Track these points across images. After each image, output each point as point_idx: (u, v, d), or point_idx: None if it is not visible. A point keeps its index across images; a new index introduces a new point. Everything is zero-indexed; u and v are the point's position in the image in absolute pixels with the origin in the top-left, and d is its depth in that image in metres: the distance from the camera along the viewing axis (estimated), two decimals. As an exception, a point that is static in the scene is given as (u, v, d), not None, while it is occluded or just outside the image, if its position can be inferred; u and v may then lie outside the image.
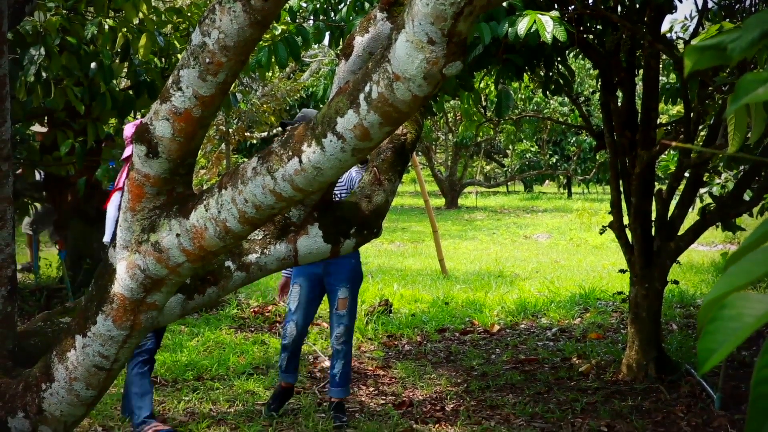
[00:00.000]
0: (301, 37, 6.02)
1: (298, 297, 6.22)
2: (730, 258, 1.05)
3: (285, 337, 6.29)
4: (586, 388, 6.94)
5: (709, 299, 1.00)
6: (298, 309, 6.22)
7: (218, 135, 18.16)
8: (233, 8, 2.60)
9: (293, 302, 6.23)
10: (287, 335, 6.26)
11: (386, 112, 2.48)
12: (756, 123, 2.02)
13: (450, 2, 2.23)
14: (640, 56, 7.30)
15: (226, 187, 2.83)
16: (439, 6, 2.25)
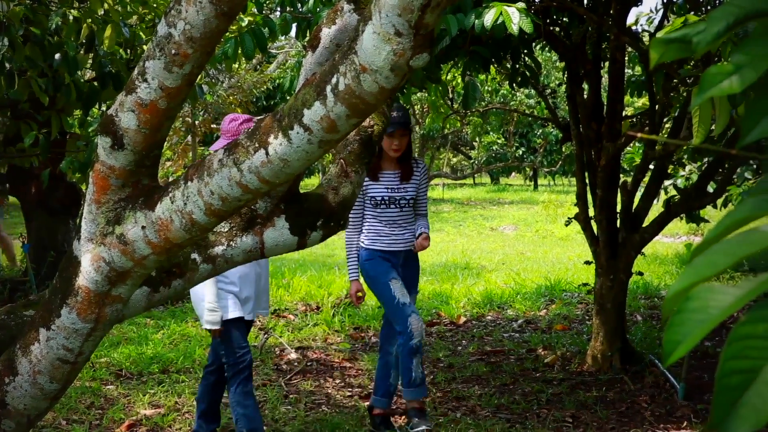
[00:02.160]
0: (267, 29, 6.00)
1: (402, 289, 5.71)
2: (695, 250, 1.06)
3: (413, 335, 5.60)
4: (552, 379, 6.97)
5: (674, 291, 1.00)
6: (411, 302, 5.76)
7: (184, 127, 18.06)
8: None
9: (402, 295, 5.68)
10: (415, 332, 5.62)
11: (353, 103, 2.47)
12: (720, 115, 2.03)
13: (417, -6, 2.23)
14: (606, 49, 7.34)
15: (192, 179, 2.81)
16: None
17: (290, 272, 11.80)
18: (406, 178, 5.84)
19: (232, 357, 5.19)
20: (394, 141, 5.72)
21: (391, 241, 5.83)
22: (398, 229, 5.84)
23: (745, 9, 1.11)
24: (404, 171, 5.85)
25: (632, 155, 10.02)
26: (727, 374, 0.90)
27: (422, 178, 5.95)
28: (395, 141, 5.72)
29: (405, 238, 5.86)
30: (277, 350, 7.97)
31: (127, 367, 7.29)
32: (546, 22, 6.60)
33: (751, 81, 1.06)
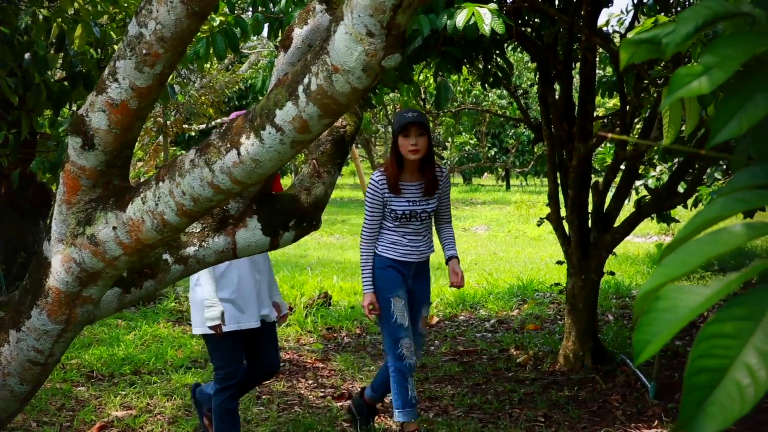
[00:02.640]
0: (239, 29, 5.98)
1: (404, 310, 5.52)
2: (665, 249, 1.07)
3: (403, 360, 5.46)
4: (524, 379, 7.00)
5: (644, 291, 1.01)
6: (410, 327, 5.54)
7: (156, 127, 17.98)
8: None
9: (401, 317, 5.50)
10: (406, 356, 5.46)
11: (325, 104, 2.47)
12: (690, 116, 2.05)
13: (389, -5, 2.23)
14: (578, 49, 7.37)
15: (163, 180, 2.80)
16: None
17: (263, 273, 11.76)
18: (430, 191, 5.54)
19: (222, 370, 5.05)
20: (410, 140, 5.34)
21: (406, 252, 5.59)
22: (416, 242, 5.59)
23: (714, 10, 1.12)
24: (428, 183, 5.51)
25: (603, 156, 10.07)
26: (695, 373, 0.91)
27: (445, 186, 5.65)
28: (411, 140, 5.34)
29: (420, 250, 5.64)
30: (249, 351, 7.95)
31: (98, 368, 7.25)
32: (518, 22, 6.62)
33: (720, 82, 1.07)
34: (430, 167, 5.50)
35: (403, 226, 5.54)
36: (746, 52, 1.08)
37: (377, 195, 5.49)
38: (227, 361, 5.04)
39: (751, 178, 1.10)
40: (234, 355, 5.08)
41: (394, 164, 5.44)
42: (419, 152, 5.37)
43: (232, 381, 5.04)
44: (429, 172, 5.50)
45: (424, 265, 5.72)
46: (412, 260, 5.61)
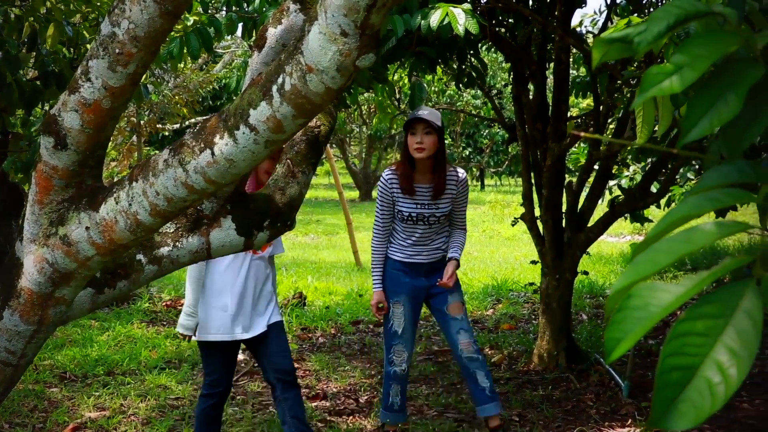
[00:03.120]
0: (213, 28, 5.97)
1: (402, 317, 5.41)
2: (636, 248, 1.07)
3: (394, 362, 5.44)
4: (499, 379, 7.01)
5: (616, 289, 1.02)
6: (405, 331, 5.43)
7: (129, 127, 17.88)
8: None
9: (397, 324, 5.42)
10: (395, 363, 5.42)
11: (299, 104, 2.47)
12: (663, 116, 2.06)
13: (363, -6, 2.23)
14: (551, 50, 7.40)
15: (137, 180, 2.79)
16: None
17: (237, 273, 11.73)
18: (438, 194, 5.34)
19: (209, 377, 5.02)
20: (415, 138, 5.20)
21: (414, 253, 5.44)
22: (425, 244, 5.43)
23: (685, 10, 1.12)
24: (436, 186, 5.31)
25: (577, 156, 10.11)
26: (667, 371, 0.91)
27: (460, 190, 5.41)
28: (417, 138, 5.19)
29: (430, 252, 5.46)
30: (223, 351, 7.93)
31: (71, 369, 7.21)
32: (491, 23, 6.64)
33: (692, 81, 1.08)
34: (440, 169, 5.31)
35: (410, 228, 5.39)
36: (717, 52, 1.09)
37: (386, 193, 5.38)
38: (214, 369, 4.99)
39: (722, 177, 1.11)
40: (222, 364, 5.01)
41: (406, 163, 5.31)
42: (424, 151, 5.20)
43: (218, 389, 4.99)
44: (438, 174, 5.32)
45: (438, 263, 5.49)
46: (422, 261, 5.45)
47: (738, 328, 0.92)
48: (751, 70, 1.10)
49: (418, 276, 5.45)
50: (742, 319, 0.92)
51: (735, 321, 0.93)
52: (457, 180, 5.39)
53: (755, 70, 1.10)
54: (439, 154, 5.27)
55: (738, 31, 1.13)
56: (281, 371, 4.99)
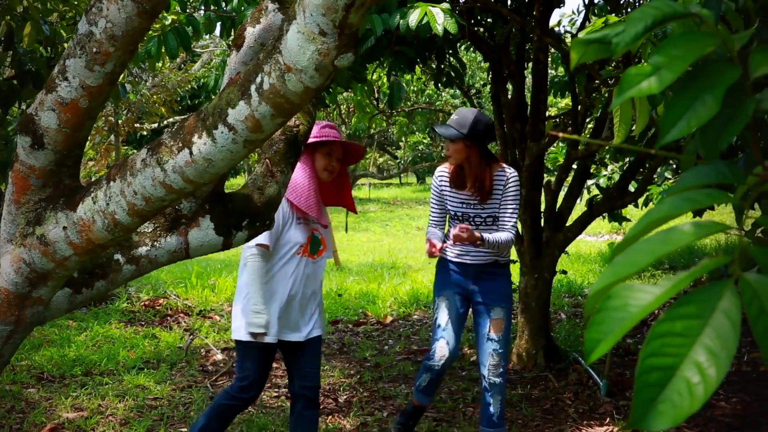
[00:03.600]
0: (191, 28, 5.95)
1: (447, 311, 5.30)
2: (615, 248, 1.08)
3: (432, 358, 5.27)
4: (478, 377, 7.02)
5: (595, 290, 1.02)
6: (448, 325, 5.27)
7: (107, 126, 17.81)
8: (121, -3, 2.55)
9: (441, 317, 5.30)
10: (436, 356, 5.24)
11: (278, 103, 2.46)
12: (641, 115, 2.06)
13: (342, -6, 2.23)
14: (530, 49, 7.42)
15: (114, 179, 2.78)
16: (330, -3, 2.24)
17: (215, 273, 11.72)
18: (483, 197, 5.16)
19: (245, 380, 4.75)
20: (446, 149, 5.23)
21: (461, 253, 5.27)
22: (470, 246, 5.19)
23: (662, 11, 1.13)
24: (478, 191, 5.17)
25: (556, 155, 10.15)
26: (646, 371, 0.91)
27: (507, 190, 5.14)
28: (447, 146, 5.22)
29: (477, 250, 5.23)
30: (202, 351, 7.91)
31: (48, 369, 7.17)
32: (470, 22, 6.65)
33: (669, 82, 1.08)
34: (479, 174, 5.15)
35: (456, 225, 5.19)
36: (694, 53, 1.09)
37: (435, 187, 5.36)
38: (249, 372, 4.75)
39: (699, 178, 1.11)
40: (258, 366, 4.77)
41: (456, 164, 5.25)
42: (450, 158, 5.18)
43: (249, 393, 4.77)
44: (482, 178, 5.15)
45: (488, 267, 5.27)
46: (468, 262, 5.27)
47: (716, 328, 0.92)
48: (729, 70, 1.11)
49: (466, 277, 5.29)
50: (721, 320, 0.93)
51: (713, 321, 0.93)
52: (504, 179, 5.16)
53: (732, 71, 1.11)
54: (472, 160, 5.14)
55: (715, 32, 1.14)
56: (310, 387, 4.84)
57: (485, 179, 5.13)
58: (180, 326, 8.90)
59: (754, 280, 0.96)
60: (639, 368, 0.93)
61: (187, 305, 9.63)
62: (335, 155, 4.74)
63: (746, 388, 6.57)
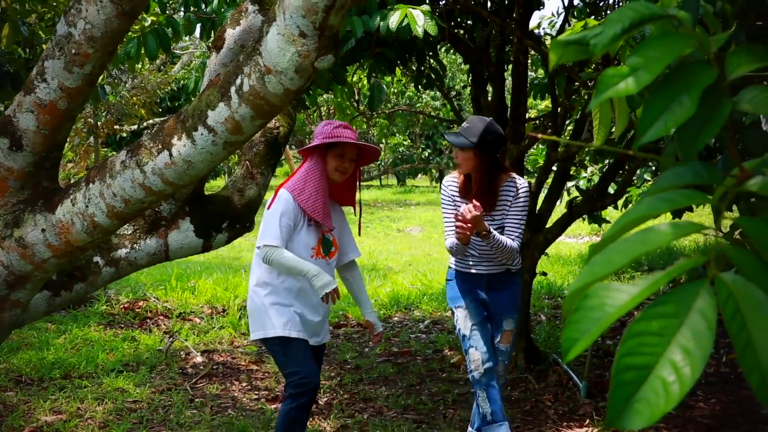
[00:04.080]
0: (171, 29, 5.94)
1: (468, 319, 5.11)
2: (593, 249, 1.08)
3: (470, 372, 5.11)
4: (458, 380, 7.03)
5: (573, 290, 1.02)
6: (474, 331, 5.10)
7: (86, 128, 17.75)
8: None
9: (464, 326, 5.13)
10: (472, 366, 5.08)
11: (258, 105, 2.46)
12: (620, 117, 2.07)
13: (321, -5, 2.23)
14: (510, 51, 7.44)
15: (93, 181, 2.77)
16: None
17: (195, 275, 11.69)
18: (489, 206, 4.98)
19: (295, 376, 4.55)
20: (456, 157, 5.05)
21: (473, 263, 5.12)
22: (483, 254, 5.06)
23: (640, 13, 1.13)
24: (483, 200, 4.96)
25: (536, 157, 10.17)
26: (622, 370, 0.92)
27: (516, 201, 5.00)
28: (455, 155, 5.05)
29: (489, 261, 5.07)
30: (182, 354, 7.89)
31: (27, 372, 7.13)
32: (450, 24, 6.66)
33: (647, 83, 1.09)
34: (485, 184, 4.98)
35: None
36: (672, 54, 1.10)
37: (446, 197, 5.14)
38: (300, 365, 4.57)
39: (677, 179, 1.12)
40: (306, 359, 4.60)
41: None
42: (460, 166, 5.00)
43: (307, 386, 4.55)
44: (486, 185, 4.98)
45: (501, 276, 5.14)
46: (481, 272, 5.12)
47: (692, 327, 0.93)
48: (705, 72, 1.12)
49: (479, 287, 5.16)
50: (697, 319, 0.93)
51: (689, 321, 0.94)
52: (514, 189, 5.01)
53: (709, 73, 1.12)
54: (481, 169, 4.96)
55: (692, 34, 1.14)
56: None
57: (492, 189, 4.99)
58: (160, 329, 8.87)
59: (730, 280, 0.97)
60: (615, 367, 0.93)
61: (167, 307, 9.60)
62: (348, 156, 4.58)
63: (724, 389, 6.61)
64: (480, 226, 4.78)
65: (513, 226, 5.02)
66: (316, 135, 4.58)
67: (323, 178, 4.54)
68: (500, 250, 4.92)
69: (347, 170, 4.61)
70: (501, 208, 5.02)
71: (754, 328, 0.94)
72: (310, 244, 4.56)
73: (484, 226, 4.80)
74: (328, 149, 4.55)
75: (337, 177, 4.59)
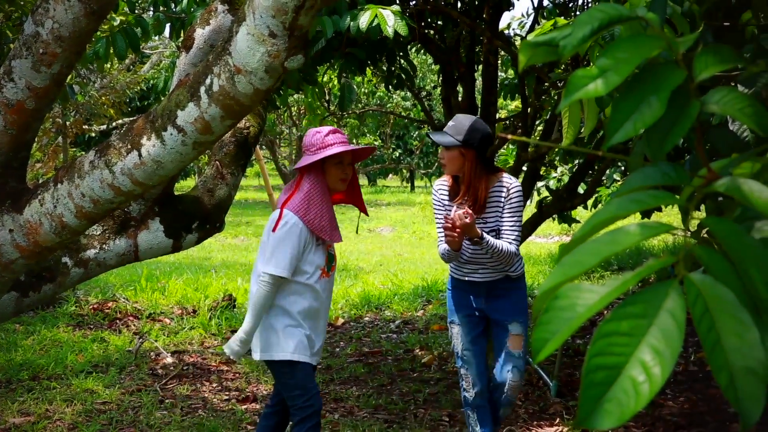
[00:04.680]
0: (140, 28, 5.91)
1: (460, 337, 4.93)
2: (563, 249, 1.09)
3: (463, 391, 5.00)
4: (429, 379, 7.04)
5: (543, 290, 1.03)
6: (466, 352, 4.94)
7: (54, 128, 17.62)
8: (68, -3, 2.53)
9: (457, 345, 4.96)
10: (464, 388, 4.98)
11: (228, 105, 2.46)
12: (588, 118, 2.09)
13: (291, -5, 2.22)
14: (480, 52, 7.46)
15: (62, 181, 2.75)
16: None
17: (165, 275, 11.64)
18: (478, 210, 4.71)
19: (299, 400, 4.41)
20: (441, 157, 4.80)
21: (469, 271, 4.85)
22: (479, 260, 4.79)
23: (609, 14, 1.14)
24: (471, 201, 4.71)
25: (506, 157, 10.20)
26: (592, 370, 0.92)
27: (507, 202, 4.72)
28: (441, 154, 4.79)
29: (486, 267, 4.80)
30: (152, 355, 7.85)
31: (-5, 375, 7.08)
32: (421, 25, 6.67)
33: (616, 84, 1.09)
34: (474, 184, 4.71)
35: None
36: (640, 55, 1.10)
37: (436, 200, 4.90)
38: (305, 388, 4.42)
39: (645, 179, 1.13)
40: (311, 382, 4.46)
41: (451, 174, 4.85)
42: (445, 167, 4.76)
43: (312, 409, 4.41)
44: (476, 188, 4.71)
45: (500, 283, 4.86)
46: (477, 280, 4.85)
47: (661, 327, 0.93)
48: (674, 73, 1.12)
49: (477, 296, 4.92)
50: (666, 319, 0.94)
51: (659, 321, 0.94)
52: (504, 189, 4.73)
53: (677, 74, 1.12)
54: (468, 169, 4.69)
55: (660, 35, 1.15)
56: None
57: (479, 189, 4.70)
58: (129, 329, 8.82)
59: (699, 280, 0.98)
60: (585, 367, 0.94)
61: (137, 308, 9.55)
62: (346, 161, 4.41)
63: (693, 387, 6.66)
64: (472, 232, 4.54)
65: (509, 229, 4.73)
66: (307, 147, 4.38)
67: (326, 192, 4.39)
68: (497, 255, 4.65)
69: (348, 176, 4.47)
70: (493, 210, 4.74)
71: (723, 328, 0.95)
72: (318, 263, 4.40)
73: (476, 232, 4.55)
74: (325, 159, 4.34)
75: (340, 186, 4.47)
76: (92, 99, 17.82)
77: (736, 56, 1.21)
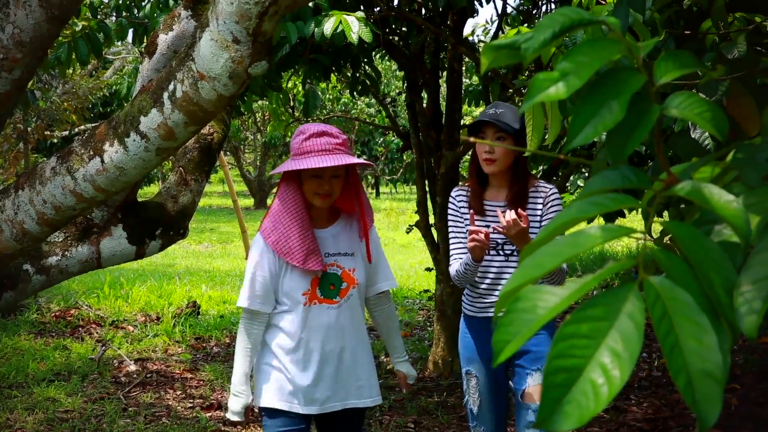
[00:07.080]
0: (102, 34, 5.88)
1: (477, 392, 4.11)
2: (524, 252, 1.09)
3: None
4: (394, 386, 7.04)
5: (504, 292, 1.03)
6: (482, 409, 4.14)
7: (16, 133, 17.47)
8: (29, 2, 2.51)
9: (472, 401, 4.13)
10: None
11: (191, 111, 2.45)
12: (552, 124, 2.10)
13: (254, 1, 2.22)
14: (444, 58, 7.48)
15: (23, 188, 2.73)
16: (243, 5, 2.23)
17: (129, 282, 11.57)
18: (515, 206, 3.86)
19: None
20: (484, 147, 3.90)
21: (488, 304, 4.06)
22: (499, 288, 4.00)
23: (570, 18, 1.15)
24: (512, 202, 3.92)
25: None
26: (553, 372, 0.93)
27: (547, 209, 3.95)
28: (485, 146, 3.89)
29: None
30: (115, 362, 7.79)
31: (-45, 383, 7.01)
32: (385, 31, 6.69)
33: (577, 87, 1.10)
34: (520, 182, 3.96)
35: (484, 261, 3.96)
36: (601, 60, 1.11)
37: (455, 214, 4.07)
38: None
39: (606, 183, 1.14)
40: None
41: (474, 177, 4.03)
42: (494, 163, 3.89)
43: None
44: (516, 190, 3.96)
45: None
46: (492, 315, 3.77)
47: (621, 330, 0.94)
48: (634, 78, 1.14)
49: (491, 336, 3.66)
50: (625, 322, 0.95)
51: (618, 324, 0.95)
52: (544, 195, 3.97)
53: (637, 79, 1.14)
54: (518, 164, 3.96)
55: (621, 40, 1.16)
56: None
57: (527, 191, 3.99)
58: (92, 337, 8.75)
59: (658, 283, 0.99)
60: (546, 369, 0.94)
61: (100, 316, 9.48)
62: (328, 174, 3.47)
63: (656, 392, 6.71)
64: (525, 239, 3.74)
65: None
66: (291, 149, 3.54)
67: (299, 208, 3.51)
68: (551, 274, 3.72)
69: (330, 192, 3.51)
70: (529, 214, 3.92)
71: (681, 331, 0.95)
72: (299, 288, 3.58)
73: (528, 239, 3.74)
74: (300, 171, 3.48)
75: (318, 202, 3.53)
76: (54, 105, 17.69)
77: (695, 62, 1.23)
